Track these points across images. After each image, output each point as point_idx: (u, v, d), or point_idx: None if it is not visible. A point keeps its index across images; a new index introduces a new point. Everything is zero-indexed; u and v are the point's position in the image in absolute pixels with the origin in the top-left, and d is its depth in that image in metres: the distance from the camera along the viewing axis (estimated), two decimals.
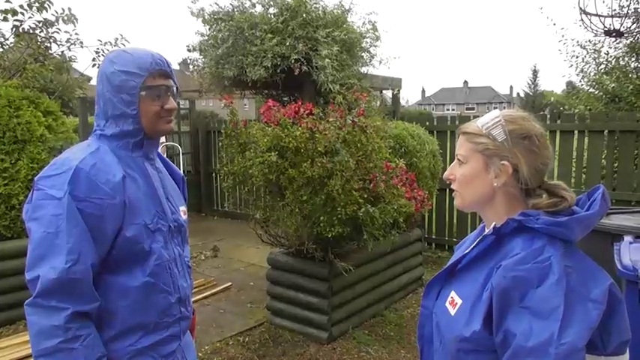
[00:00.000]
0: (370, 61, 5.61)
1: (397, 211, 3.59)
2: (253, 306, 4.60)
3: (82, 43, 5.43)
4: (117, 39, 5.20)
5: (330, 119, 3.62)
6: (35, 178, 1.38)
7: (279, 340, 3.92)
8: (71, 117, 12.00)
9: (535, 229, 1.10)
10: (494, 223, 1.19)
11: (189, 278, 1.63)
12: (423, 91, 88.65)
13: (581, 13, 5.84)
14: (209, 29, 5.62)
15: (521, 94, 79.88)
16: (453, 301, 1.18)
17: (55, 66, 5.26)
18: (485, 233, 1.21)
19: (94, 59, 5.43)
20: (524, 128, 1.17)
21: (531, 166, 1.15)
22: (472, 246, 1.21)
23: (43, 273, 1.27)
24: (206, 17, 5.61)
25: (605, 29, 5.38)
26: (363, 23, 5.58)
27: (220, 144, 4.18)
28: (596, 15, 5.35)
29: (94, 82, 8.12)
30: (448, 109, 79.25)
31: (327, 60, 4.77)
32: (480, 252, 1.17)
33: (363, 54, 5.40)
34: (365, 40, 5.41)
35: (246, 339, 3.93)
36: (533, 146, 1.15)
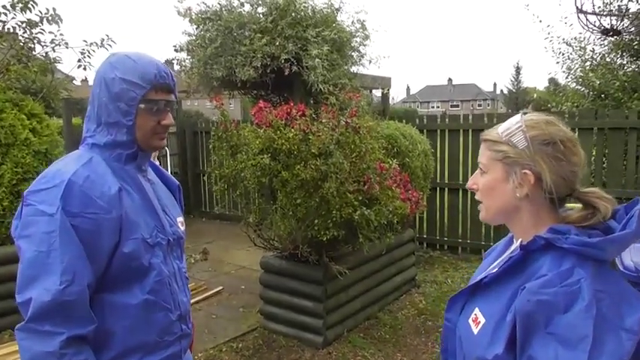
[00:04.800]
0: (360, 60, 5.56)
1: (392, 213, 3.54)
2: (245, 310, 4.53)
3: (67, 43, 5.29)
4: (103, 40, 5.09)
5: (323, 120, 3.56)
6: (24, 193, 1.28)
7: (273, 346, 3.85)
8: (54, 118, 11.79)
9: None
10: (520, 239, 1.13)
11: (188, 291, 1.56)
12: (408, 88, 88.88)
13: (577, 12, 5.84)
14: (196, 29, 5.52)
15: (505, 91, 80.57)
16: (476, 319, 1.12)
17: (39, 67, 5.13)
18: (512, 250, 1.15)
19: (79, 60, 5.30)
20: (547, 133, 1.08)
21: (556, 174, 1.06)
22: (498, 261, 1.15)
23: (35, 295, 1.18)
24: (193, 17, 5.51)
25: (603, 28, 5.38)
26: (352, 22, 5.53)
27: (211, 145, 4.09)
28: (593, 13, 5.36)
29: (78, 82, 7.98)
30: (433, 107, 79.60)
31: (317, 60, 4.71)
32: (506, 269, 1.10)
33: (353, 53, 5.34)
34: (355, 39, 5.35)
35: (240, 345, 3.86)
36: (558, 152, 1.06)
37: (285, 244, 3.79)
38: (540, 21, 8.58)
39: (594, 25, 5.54)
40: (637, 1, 6.80)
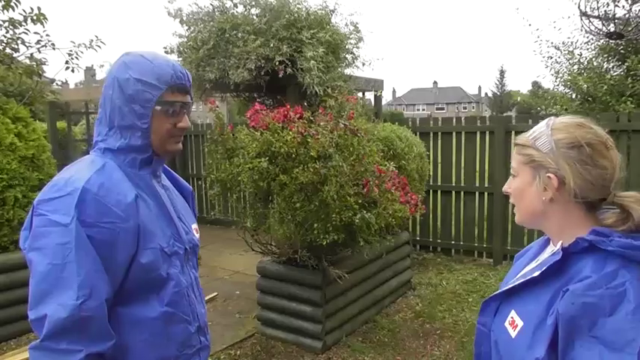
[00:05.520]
0: (354, 62, 5.53)
1: (392, 216, 3.51)
2: (242, 316, 4.46)
3: (53, 44, 5.18)
4: (92, 40, 4.98)
5: (322, 123, 3.51)
6: (34, 202, 1.21)
7: (272, 352, 3.79)
8: (37, 122, 11.59)
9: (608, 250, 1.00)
10: (560, 242, 1.10)
11: (204, 301, 1.50)
12: (394, 91, 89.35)
13: (581, 16, 5.88)
14: (188, 30, 5.45)
15: (490, 94, 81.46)
16: (514, 322, 1.10)
17: (24, 70, 5.00)
18: (554, 252, 1.12)
19: (67, 62, 5.19)
20: (573, 136, 1.06)
21: (582, 178, 1.04)
22: (537, 264, 1.13)
23: (50, 312, 1.11)
24: (184, 18, 5.44)
25: (607, 32, 5.41)
26: (346, 24, 5.51)
27: (206, 149, 4.02)
28: (598, 17, 5.39)
29: (72, 85, 7.83)
30: (419, 110, 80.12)
31: (312, 62, 4.67)
32: (546, 272, 1.07)
33: (347, 55, 5.31)
34: (349, 41, 5.33)
35: (238, 352, 3.79)
36: (583, 156, 1.04)
37: (284, 249, 3.73)
38: (530, 25, 8.65)
39: (598, 29, 5.57)
40: (627, 6, 6.88)
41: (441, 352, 3.82)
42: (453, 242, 6.35)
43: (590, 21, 5.45)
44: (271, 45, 4.82)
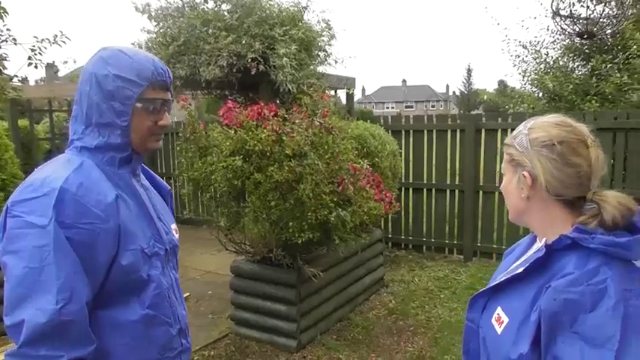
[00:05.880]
0: (326, 60, 5.52)
1: (367, 214, 3.52)
2: (215, 316, 4.40)
3: (14, 39, 5.00)
4: (56, 36, 4.83)
5: (297, 121, 3.49)
6: (8, 203, 1.15)
7: (246, 352, 3.75)
8: None
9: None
10: (545, 239, 1.12)
11: (184, 303, 1.46)
12: (364, 89, 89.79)
13: (554, 16, 6.01)
14: (157, 26, 5.33)
15: (457, 93, 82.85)
16: (500, 319, 1.11)
17: None
18: (537, 248, 1.13)
19: (29, 58, 5.01)
20: (548, 135, 1.08)
21: (553, 175, 1.06)
22: (522, 260, 1.14)
23: (29, 317, 1.06)
24: (153, 13, 5.32)
25: (578, 31, 5.56)
26: (318, 22, 5.49)
27: (176, 147, 3.94)
28: (569, 17, 5.52)
29: (31, 82, 7.56)
30: (388, 108, 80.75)
31: (285, 59, 4.64)
32: (529, 268, 1.09)
33: (320, 53, 5.30)
34: (321, 38, 5.31)
35: (212, 353, 3.74)
36: (554, 154, 1.06)
37: (258, 248, 3.70)
38: (498, 24, 8.83)
39: (570, 28, 5.71)
40: (592, 6, 7.08)
41: (414, 348, 3.85)
42: (424, 239, 6.42)
43: (562, 19, 5.59)
44: (243, 42, 4.76)
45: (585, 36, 5.50)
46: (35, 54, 5.02)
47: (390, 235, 6.56)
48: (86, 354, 1.13)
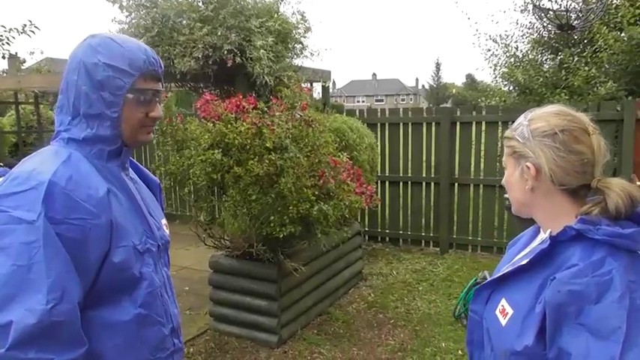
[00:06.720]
0: (302, 52, 5.46)
1: (348, 207, 3.50)
2: (193, 313, 4.32)
3: None
4: (25, 25, 4.63)
5: (277, 113, 3.44)
6: None
7: (226, 348, 3.70)
8: None
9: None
10: (549, 230, 1.11)
11: (176, 302, 1.41)
12: (334, 83, 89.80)
13: (534, 8, 6.09)
14: (129, 17, 5.17)
15: (427, 87, 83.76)
16: (504, 310, 1.10)
17: None
18: (542, 240, 1.13)
19: None
20: (549, 125, 1.08)
21: (557, 164, 1.05)
22: (526, 252, 1.13)
23: (17, 318, 0.99)
24: (124, 3, 5.15)
25: (558, 23, 5.64)
26: (293, 13, 5.42)
27: (154, 140, 3.83)
28: (550, 10, 5.60)
29: None
30: (358, 101, 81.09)
31: (262, 51, 4.56)
32: (533, 260, 1.08)
33: (296, 45, 5.24)
34: (297, 30, 5.25)
35: (191, 349, 3.68)
36: (557, 143, 1.05)
37: (238, 243, 3.64)
38: (469, 18, 8.94)
39: (550, 20, 5.79)
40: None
41: (395, 341, 3.87)
42: (401, 232, 6.46)
43: (543, 12, 5.67)
44: (219, 33, 4.66)
45: (566, 28, 5.60)
46: (3, 44, 4.82)
47: (367, 229, 6.56)
48: (77, 356, 1.08)
